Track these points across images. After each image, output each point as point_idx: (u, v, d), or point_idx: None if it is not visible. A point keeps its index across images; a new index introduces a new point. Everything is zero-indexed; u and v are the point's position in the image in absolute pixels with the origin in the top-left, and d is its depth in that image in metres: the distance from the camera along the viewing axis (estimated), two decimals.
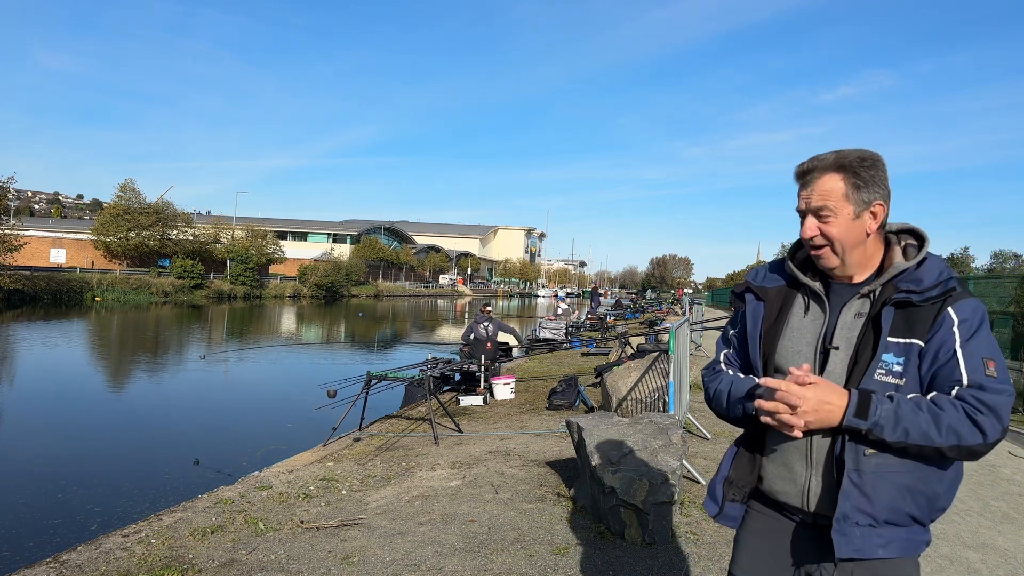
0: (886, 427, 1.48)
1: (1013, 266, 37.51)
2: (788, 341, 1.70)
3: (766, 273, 1.82)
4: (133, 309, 35.24)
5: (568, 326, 21.83)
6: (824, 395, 1.51)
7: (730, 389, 1.75)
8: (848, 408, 1.49)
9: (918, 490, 1.54)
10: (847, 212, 1.60)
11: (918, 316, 1.56)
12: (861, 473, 1.54)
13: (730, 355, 1.86)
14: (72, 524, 5.78)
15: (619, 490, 4.25)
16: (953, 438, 1.46)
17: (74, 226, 72.51)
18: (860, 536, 1.55)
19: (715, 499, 1.82)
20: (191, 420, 10.34)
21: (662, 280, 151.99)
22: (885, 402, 1.49)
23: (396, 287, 76.89)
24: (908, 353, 1.55)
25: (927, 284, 1.57)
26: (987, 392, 1.48)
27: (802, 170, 1.65)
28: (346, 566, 3.91)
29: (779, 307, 1.74)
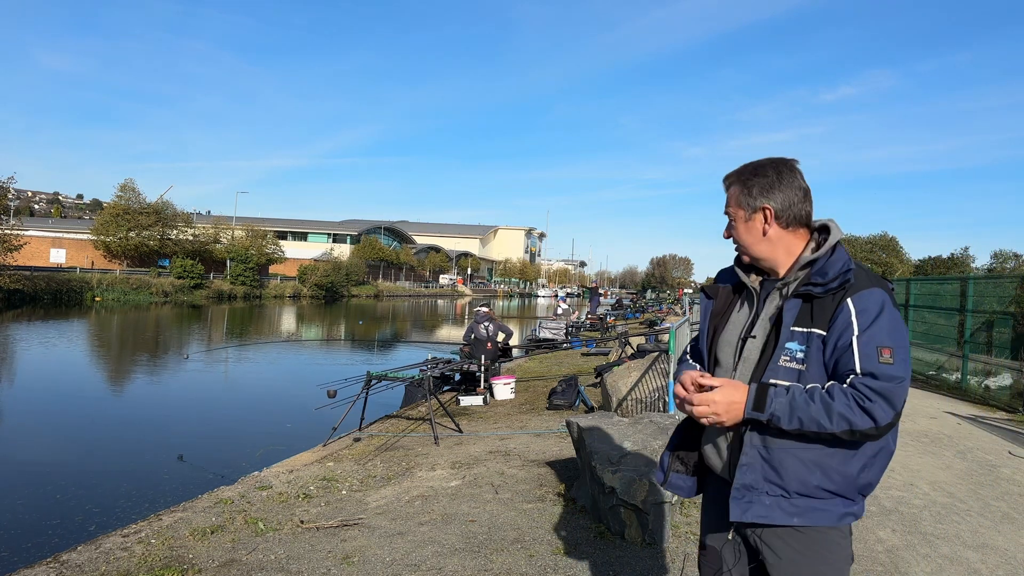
0: (782, 418, 1.65)
1: (1013, 266, 37.53)
2: (725, 333, 1.92)
3: (724, 274, 2.05)
4: (133, 309, 35.24)
5: (568, 326, 21.83)
6: (730, 395, 1.71)
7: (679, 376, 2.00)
8: (747, 402, 1.69)
9: (829, 466, 1.68)
10: (741, 216, 1.85)
11: (822, 307, 1.71)
12: (769, 449, 1.72)
13: (691, 346, 2.12)
14: (72, 524, 5.78)
15: (619, 490, 4.25)
16: (844, 424, 1.60)
17: (74, 226, 72.52)
18: (770, 504, 1.72)
19: (662, 469, 2.05)
20: (191, 420, 10.34)
21: (662, 280, 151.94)
22: (781, 395, 1.66)
23: (396, 287, 76.89)
24: (809, 341, 1.70)
25: (830, 276, 1.72)
26: (879, 380, 1.60)
27: (724, 183, 1.93)
28: (346, 566, 3.91)
29: (727, 303, 1.97)
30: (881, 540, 4.31)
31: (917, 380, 12.48)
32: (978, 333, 11.08)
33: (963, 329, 11.32)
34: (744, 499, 1.74)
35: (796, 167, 1.86)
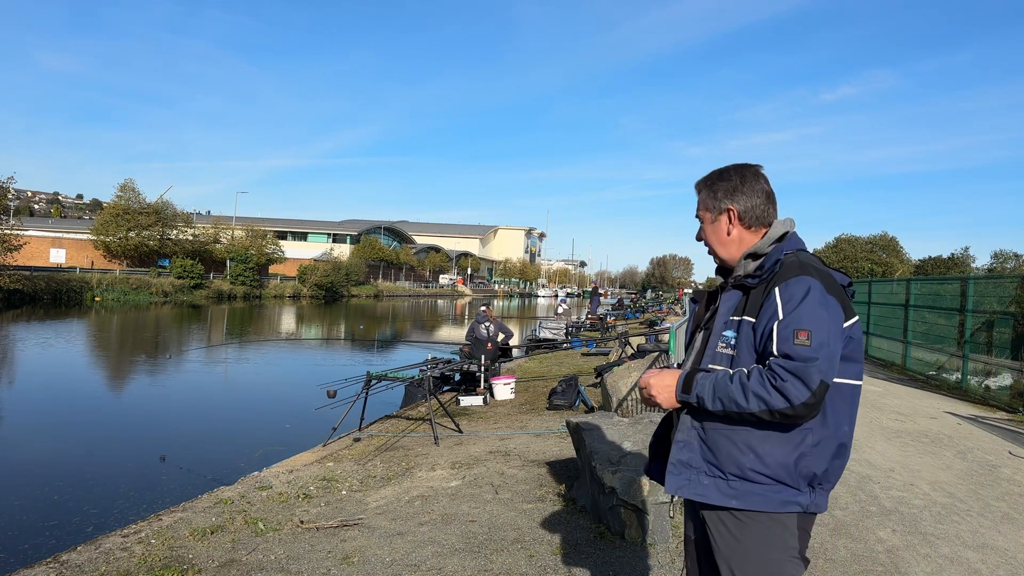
0: (705, 398, 1.78)
1: (1013, 266, 37.52)
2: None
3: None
4: (133, 309, 35.24)
5: (568, 326, 21.83)
6: (662, 379, 1.88)
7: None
8: (678, 386, 1.85)
9: (763, 450, 1.75)
10: (708, 218, 2.01)
11: (753, 296, 1.85)
12: (706, 430, 1.83)
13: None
14: (71, 524, 5.77)
15: (619, 490, 4.24)
16: (761, 404, 1.69)
17: (74, 226, 72.53)
18: (708, 484, 1.82)
19: (648, 457, 2.18)
20: (191, 420, 10.34)
21: (662, 280, 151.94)
22: (706, 377, 1.80)
23: (396, 287, 76.88)
24: (739, 328, 1.84)
25: (764, 268, 1.87)
26: (792, 360, 1.68)
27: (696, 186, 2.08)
28: (346, 566, 3.91)
29: (708, 305, 2.11)
30: (881, 540, 4.31)
31: (917, 380, 12.48)
32: (978, 333, 11.08)
33: (963, 329, 11.32)
34: (680, 475, 1.86)
35: (760, 172, 1.99)
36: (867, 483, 5.50)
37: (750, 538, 1.80)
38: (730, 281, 1.97)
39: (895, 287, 15.22)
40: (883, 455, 6.41)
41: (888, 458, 6.35)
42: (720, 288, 2.04)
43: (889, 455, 6.46)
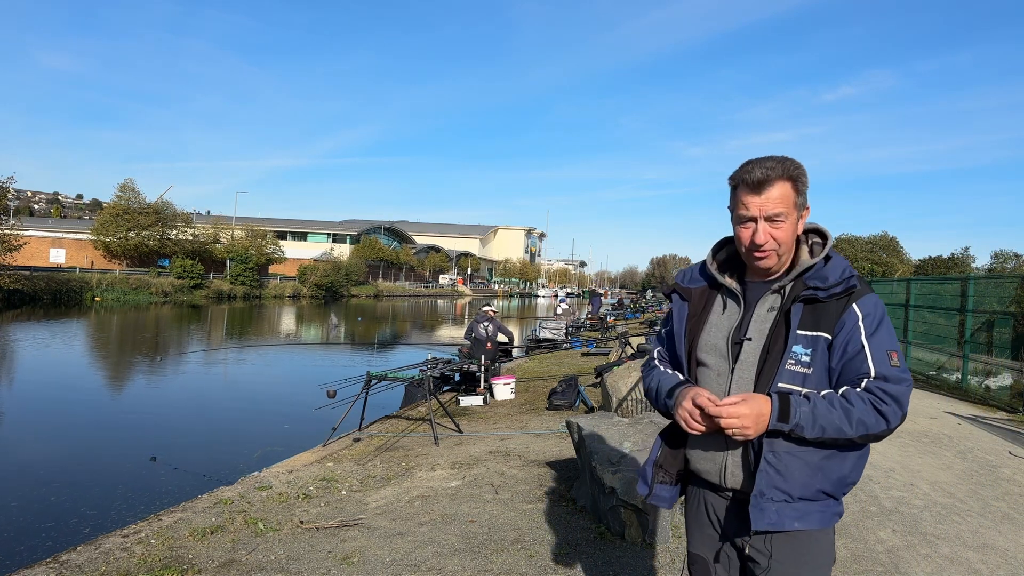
0: (805, 427, 1.63)
1: (1013, 266, 37.53)
2: (707, 336, 1.87)
3: (691, 274, 1.98)
4: (132, 309, 35.23)
5: (568, 326, 21.82)
6: (758, 407, 1.65)
7: (658, 386, 1.93)
8: (772, 414, 1.65)
9: (829, 468, 1.70)
10: (793, 217, 1.75)
11: (824, 311, 1.71)
12: (776, 454, 1.70)
13: (662, 351, 2.04)
14: (71, 524, 5.77)
15: (619, 490, 4.24)
16: (862, 429, 1.63)
17: (74, 226, 72.49)
18: (776, 511, 1.70)
19: (645, 481, 1.99)
20: (191, 420, 10.34)
21: (662, 280, 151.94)
22: (803, 404, 1.64)
23: (396, 287, 76.87)
24: (815, 345, 1.70)
25: (832, 281, 1.72)
26: (891, 383, 1.64)
27: (757, 179, 1.72)
28: (346, 566, 3.91)
29: (702, 306, 1.91)
30: (881, 540, 4.31)
31: (918, 380, 12.47)
32: (978, 333, 11.07)
33: (963, 329, 11.31)
34: (757, 507, 1.72)
35: None
36: (867, 483, 5.49)
37: (808, 555, 1.75)
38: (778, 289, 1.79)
39: (895, 287, 15.21)
40: (883, 455, 6.40)
41: (888, 458, 6.34)
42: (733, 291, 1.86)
43: (889, 455, 6.46)
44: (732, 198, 1.80)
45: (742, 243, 1.78)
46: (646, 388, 2.02)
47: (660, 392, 1.91)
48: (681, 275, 2.01)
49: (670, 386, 1.87)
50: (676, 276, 2.05)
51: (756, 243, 1.73)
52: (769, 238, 1.73)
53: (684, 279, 1.99)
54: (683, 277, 2.00)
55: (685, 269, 2.04)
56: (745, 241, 1.76)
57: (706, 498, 1.92)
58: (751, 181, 1.72)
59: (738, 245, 1.81)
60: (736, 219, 1.79)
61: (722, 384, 1.80)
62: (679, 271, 2.05)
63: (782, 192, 1.72)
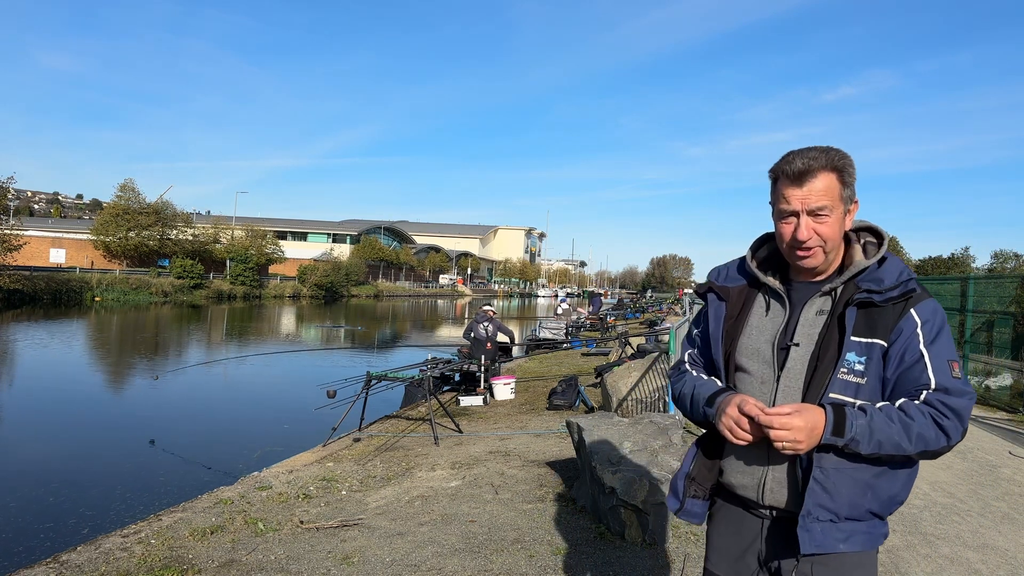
0: (861, 441, 1.51)
1: (1013, 266, 37.56)
2: (748, 339, 1.73)
3: (728, 272, 1.84)
4: (133, 309, 35.22)
5: (568, 326, 21.83)
6: (812, 419, 1.51)
7: (693, 392, 1.77)
8: (826, 427, 1.51)
9: (879, 487, 1.59)
10: (839, 211, 1.61)
11: (880, 316, 1.58)
12: (824, 470, 1.57)
13: (694, 355, 1.89)
14: (71, 524, 5.77)
15: (619, 490, 4.24)
16: (922, 444, 1.51)
17: (74, 226, 72.50)
18: (821, 531, 1.58)
19: (676, 495, 1.85)
20: (191, 420, 10.34)
21: (662, 280, 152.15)
22: (859, 417, 1.51)
23: (396, 287, 76.86)
24: (870, 352, 1.57)
25: (888, 284, 1.59)
26: (952, 395, 1.52)
27: (798, 170, 1.59)
28: (346, 566, 3.91)
29: (740, 306, 1.77)
30: None
31: None
32: (978, 333, 11.08)
33: (963, 329, 11.32)
34: (805, 528, 1.59)
35: None
36: None
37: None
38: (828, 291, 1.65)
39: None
40: None
41: None
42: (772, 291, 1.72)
43: None
44: (772, 192, 1.67)
45: (783, 239, 1.64)
46: (678, 394, 1.85)
47: (697, 399, 1.75)
48: (716, 273, 1.87)
49: (710, 392, 1.72)
50: (710, 274, 1.88)
51: (798, 239, 1.60)
52: (812, 234, 1.59)
53: (720, 277, 1.84)
54: (719, 275, 1.85)
55: (719, 267, 1.89)
56: (786, 237, 1.63)
57: (736, 515, 1.78)
58: (792, 172, 1.59)
59: (779, 242, 1.67)
60: (777, 214, 1.65)
61: (766, 392, 1.66)
62: (713, 269, 1.90)
63: (826, 184, 1.58)
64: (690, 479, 1.82)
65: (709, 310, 1.82)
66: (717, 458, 1.79)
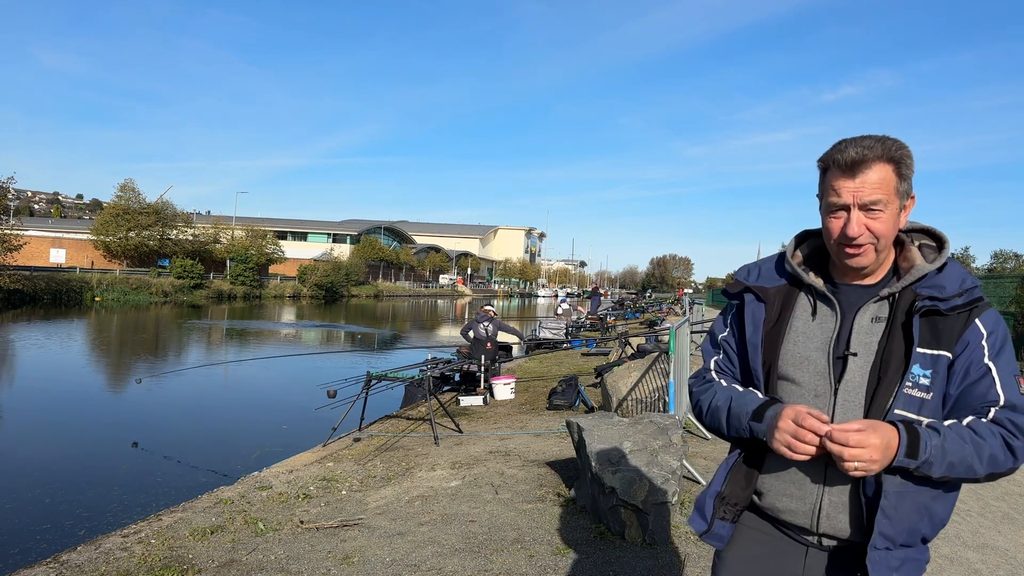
0: (934, 463, 1.38)
1: (1013, 266, 37.56)
2: (794, 346, 1.57)
3: (760, 271, 1.68)
4: (133, 309, 35.23)
5: (568, 326, 21.83)
6: (886, 438, 1.36)
7: (731, 405, 1.59)
8: (900, 448, 1.37)
9: (935, 510, 1.48)
10: (894, 207, 1.47)
11: (944, 326, 1.45)
12: (888, 495, 1.44)
13: (721, 362, 1.72)
14: (72, 524, 5.77)
15: (619, 490, 4.24)
16: (991, 467, 1.40)
17: (74, 226, 72.50)
18: (877, 560, 1.47)
19: (704, 516, 1.67)
20: (191, 420, 10.34)
21: (662, 280, 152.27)
22: (933, 437, 1.38)
23: (396, 287, 76.86)
24: (936, 365, 1.44)
25: (951, 292, 1.47)
26: (1021, 413, 1.41)
27: (852, 159, 1.44)
28: (346, 566, 3.91)
29: (780, 309, 1.61)
30: None
31: None
32: None
33: None
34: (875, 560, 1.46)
35: None
36: None
37: None
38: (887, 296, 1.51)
39: None
40: None
41: None
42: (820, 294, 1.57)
43: None
44: (821, 183, 1.53)
45: (831, 235, 1.50)
46: (708, 406, 1.66)
47: (737, 412, 1.57)
48: (747, 272, 1.70)
49: (756, 405, 1.54)
50: (739, 273, 1.71)
51: (848, 236, 1.45)
52: (864, 230, 1.45)
53: (753, 276, 1.68)
54: (753, 274, 1.68)
55: (750, 266, 1.72)
56: (834, 233, 1.48)
57: (770, 542, 1.62)
58: (844, 162, 1.45)
59: (826, 238, 1.53)
60: (825, 207, 1.50)
61: (822, 407, 1.50)
62: (742, 268, 1.72)
63: (881, 175, 1.44)
64: (721, 499, 1.63)
65: (746, 313, 1.64)
66: (754, 477, 1.61)
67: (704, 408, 1.68)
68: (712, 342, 1.77)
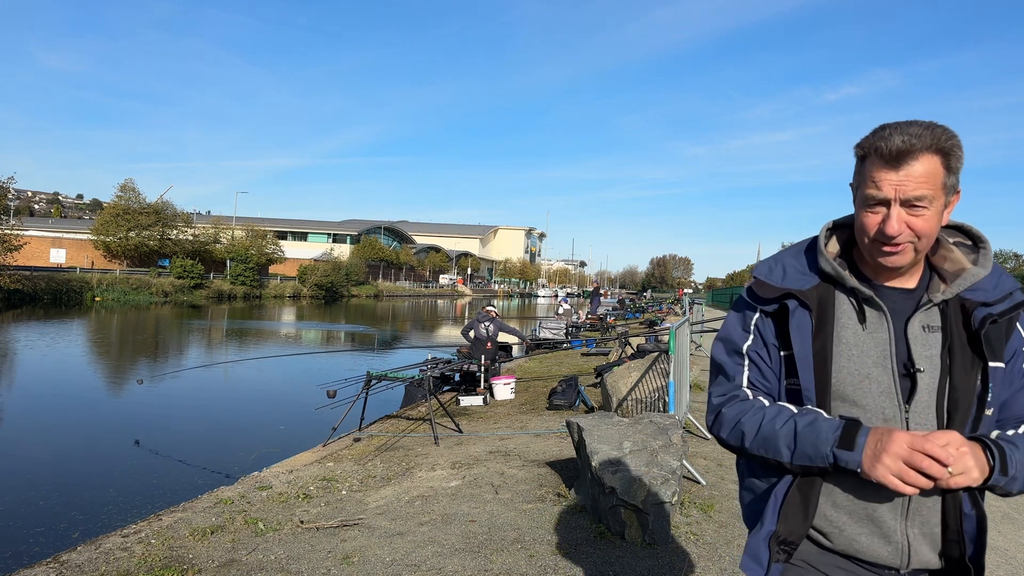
0: (1018, 478, 1.26)
1: (1013, 266, 37.59)
2: (848, 361, 1.36)
3: (786, 270, 1.45)
4: (133, 309, 35.23)
5: (568, 326, 21.83)
6: (979, 457, 1.22)
7: (795, 430, 1.32)
8: (994, 465, 1.23)
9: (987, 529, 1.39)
10: (939, 203, 1.31)
11: (995, 334, 1.33)
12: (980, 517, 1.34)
13: (756, 379, 1.46)
14: (72, 524, 5.77)
15: (619, 490, 4.24)
16: None
17: (74, 226, 72.51)
18: None
19: (759, 562, 1.41)
20: (191, 420, 10.34)
21: (662, 280, 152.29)
22: (1015, 451, 1.26)
23: (396, 287, 76.87)
24: (995, 378, 1.33)
25: (997, 296, 1.36)
26: None
27: (897, 149, 1.28)
28: (346, 566, 3.91)
29: (819, 314, 1.40)
30: None
31: None
32: None
33: None
34: None
35: None
36: None
37: None
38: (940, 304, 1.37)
39: None
40: None
41: None
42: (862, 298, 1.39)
43: None
44: (858, 172, 1.36)
45: (866, 231, 1.34)
46: (756, 431, 1.37)
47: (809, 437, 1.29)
48: (770, 270, 1.47)
49: (837, 429, 1.27)
50: (764, 271, 1.48)
51: (887, 234, 1.29)
52: (905, 228, 1.29)
53: (782, 276, 1.45)
54: (777, 273, 1.46)
55: (770, 263, 1.49)
56: (870, 230, 1.33)
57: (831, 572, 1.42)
58: (888, 151, 1.28)
59: (859, 234, 1.37)
60: (862, 200, 1.34)
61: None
62: (765, 265, 1.49)
63: (928, 168, 1.28)
64: (777, 540, 1.39)
65: (791, 323, 1.39)
66: (811, 507, 1.37)
67: (749, 433, 1.39)
68: (732, 350, 1.50)
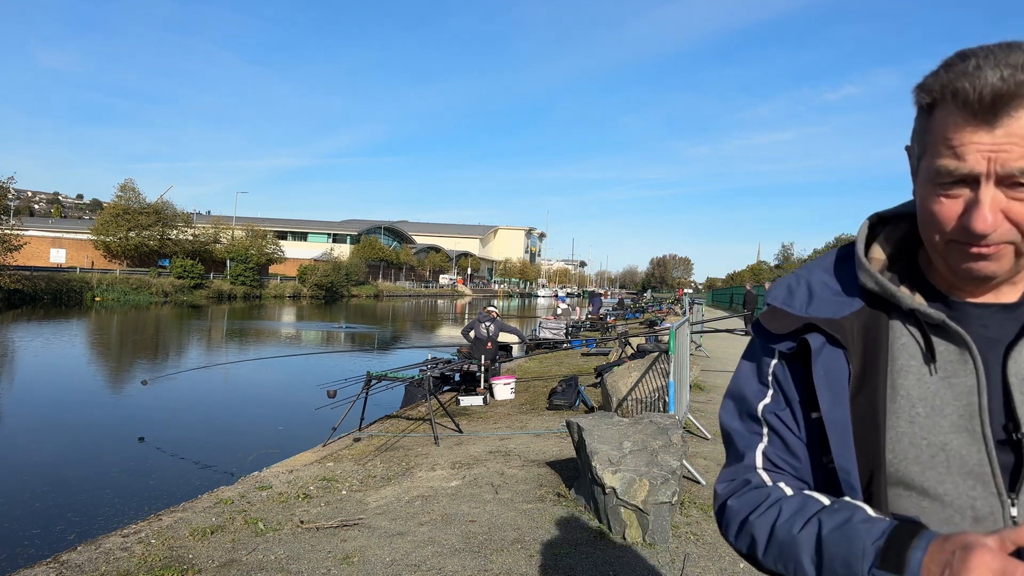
0: None
1: None
2: (911, 425, 0.86)
3: (812, 290, 0.95)
4: (133, 309, 35.23)
5: (568, 326, 21.83)
6: None
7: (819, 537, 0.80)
8: None
9: None
10: None
11: None
12: None
13: (772, 452, 0.95)
14: (71, 524, 5.77)
15: (619, 490, 4.25)
16: None
17: (74, 226, 72.52)
18: None
19: None
20: (191, 420, 10.34)
21: (662, 280, 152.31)
22: None
23: (396, 287, 76.90)
24: None
25: None
26: None
27: (995, 92, 0.76)
28: (346, 566, 3.91)
29: (863, 353, 0.89)
30: None
31: None
32: None
33: None
34: None
35: None
36: None
37: None
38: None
39: None
40: None
41: None
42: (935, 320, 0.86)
43: None
44: (922, 132, 0.85)
45: (939, 225, 0.83)
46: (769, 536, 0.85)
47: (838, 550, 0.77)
48: (789, 292, 0.97)
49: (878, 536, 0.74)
50: (778, 296, 0.97)
51: (974, 229, 0.79)
52: (1003, 221, 0.79)
53: (806, 301, 0.94)
54: (801, 296, 0.95)
55: (790, 281, 0.98)
56: (946, 223, 0.82)
57: None
58: (978, 96, 0.77)
59: (925, 229, 0.87)
60: (930, 175, 0.84)
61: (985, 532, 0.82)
62: (781, 286, 0.98)
63: None
64: None
65: (816, 367, 0.90)
66: None
67: (760, 538, 0.88)
68: (743, 412, 0.99)
